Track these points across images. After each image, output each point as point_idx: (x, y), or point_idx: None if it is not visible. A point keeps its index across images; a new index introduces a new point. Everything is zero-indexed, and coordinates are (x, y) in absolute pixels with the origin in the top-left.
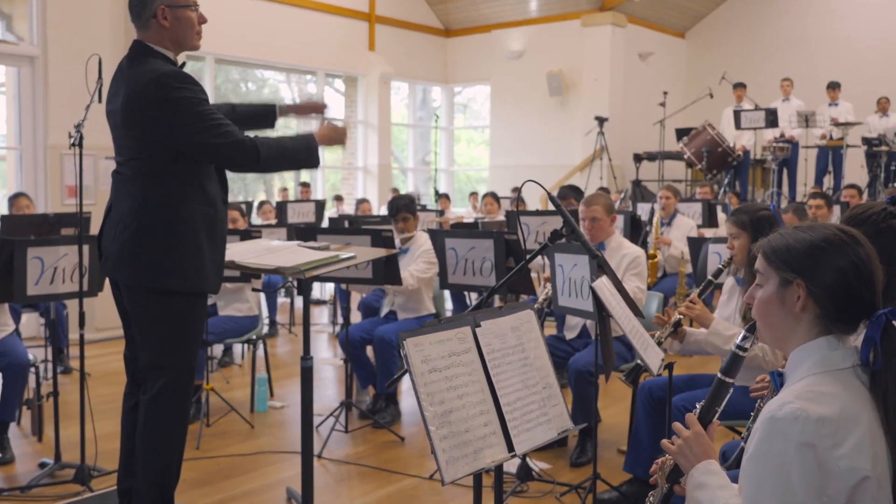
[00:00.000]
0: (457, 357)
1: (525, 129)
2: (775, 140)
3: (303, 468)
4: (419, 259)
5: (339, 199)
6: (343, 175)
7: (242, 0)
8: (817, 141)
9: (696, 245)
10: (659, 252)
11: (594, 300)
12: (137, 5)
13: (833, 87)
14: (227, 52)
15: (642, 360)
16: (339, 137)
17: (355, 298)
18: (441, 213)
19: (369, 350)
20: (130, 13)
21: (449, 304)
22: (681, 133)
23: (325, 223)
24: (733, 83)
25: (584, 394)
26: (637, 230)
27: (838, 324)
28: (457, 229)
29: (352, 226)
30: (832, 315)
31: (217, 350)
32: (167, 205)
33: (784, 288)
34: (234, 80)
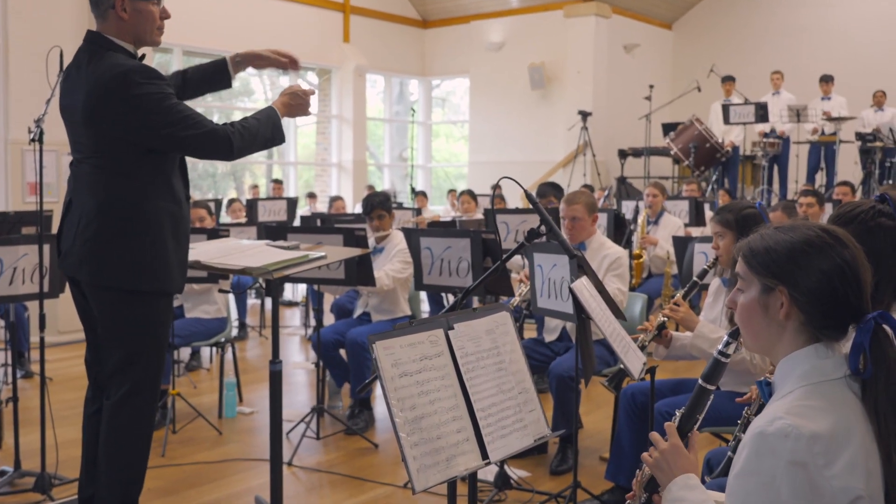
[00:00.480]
0: (429, 361)
1: (505, 123)
2: (765, 135)
3: (271, 476)
4: (394, 259)
5: (312, 196)
6: (316, 171)
7: None
8: (809, 136)
9: (682, 245)
10: (644, 252)
11: (573, 302)
12: None
13: (826, 81)
14: (196, 43)
15: (623, 365)
16: (301, 104)
17: (328, 300)
18: (418, 211)
19: (343, 352)
20: (90, 2)
21: (426, 306)
22: (667, 128)
23: (297, 221)
24: (722, 76)
25: (565, 399)
26: (621, 229)
27: (825, 330)
28: (432, 228)
29: (324, 224)
30: (818, 322)
31: (184, 353)
32: (131, 202)
33: (766, 294)
34: None
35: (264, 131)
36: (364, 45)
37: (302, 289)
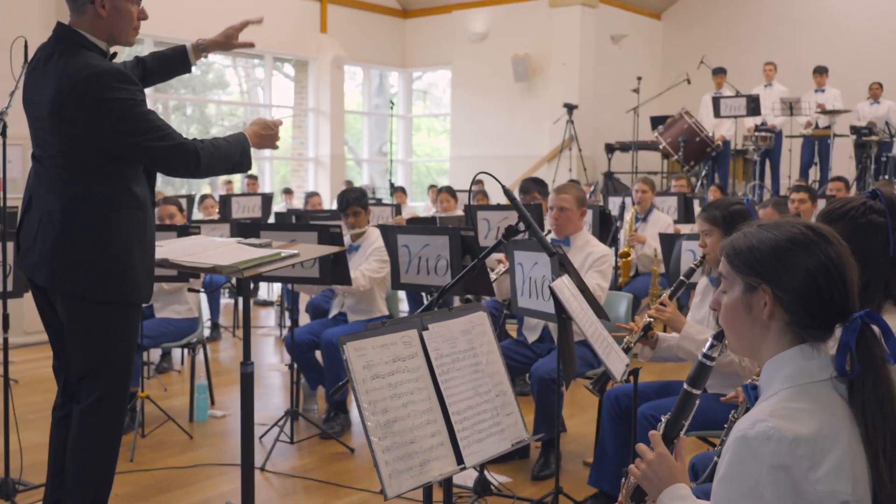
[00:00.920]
0: (402, 363)
1: (488, 117)
2: (756, 129)
3: (242, 482)
4: (371, 257)
5: (288, 192)
6: (293, 167)
7: None
8: (802, 130)
9: (669, 242)
10: (632, 250)
11: (554, 302)
12: None
13: (820, 73)
14: (167, 33)
15: (605, 366)
16: (270, 136)
17: (304, 299)
18: (398, 207)
19: (318, 354)
20: None
21: (405, 306)
22: (656, 121)
23: (272, 218)
24: (712, 68)
25: (546, 402)
26: (606, 227)
27: (811, 330)
28: (410, 225)
29: (299, 221)
30: (803, 321)
31: (154, 355)
32: (96, 207)
33: (749, 294)
34: None
35: (233, 154)
36: (342, 36)
37: (277, 288)
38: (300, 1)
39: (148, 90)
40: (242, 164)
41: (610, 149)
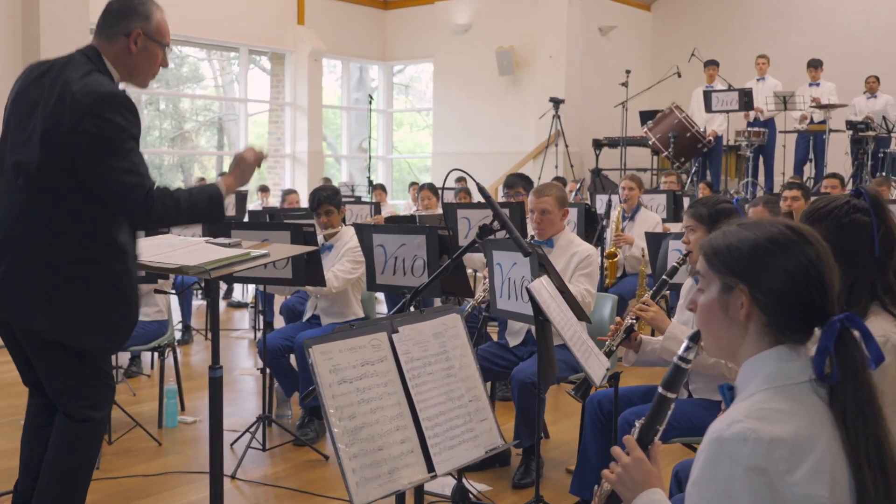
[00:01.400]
0: (370, 366)
1: (472, 111)
2: (748, 125)
3: (211, 490)
4: (344, 258)
5: (264, 190)
6: (269, 164)
7: None
8: (797, 125)
9: (656, 241)
10: (619, 251)
11: (532, 303)
12: (115, 15)
13: (814, 66)
14: None
15: (584, 371)
16: (246, 176)
17: (279, 301)
18: (377, 205)
19: (293, 358)
20: (103, 17)
21: (384, 308)
22: (645, 116)
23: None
24: (704, 61)
25: (528, 407)
26: (592, 225)
27: (789, 332)
28: (386, 224)
29: (273, 220)
30: (781, 323)
31: (123, 359)
32: (72, 250)
33: (726, 294)
34: None
35: (198, 208)
36: (320, 28)
37: (252, 289)
38: None
39: (121, 84)
40: (209, 215)
41: (598, 145)
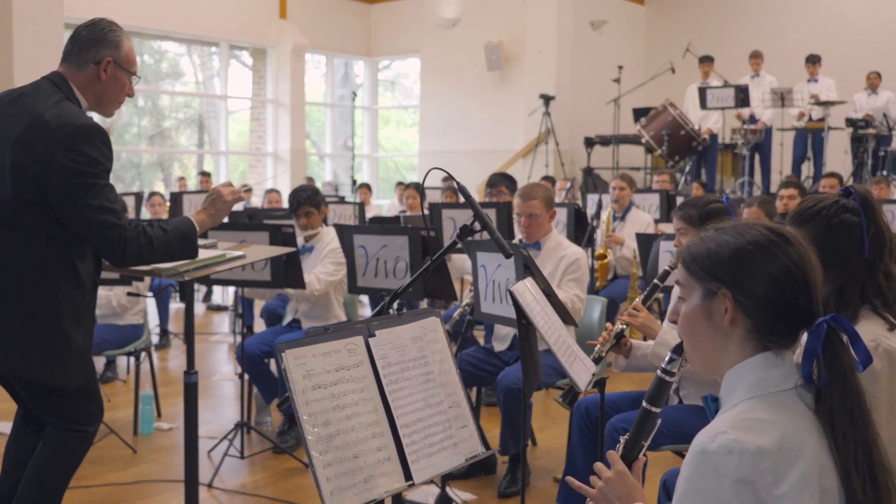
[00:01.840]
0: (346, 371)
1: (459, 108)
2: (743, 123)
3: (186, 500)
4: (326, 259)
5: (247, 190)
6: (250, 162)
7: None
8: (795, 122)
9: (647, 242)
10: (610, 252)
11: (514, 306)
12: (86, 42)
13: (813, 62)
14: (118, 20)
15: (569, 376)
16: (221, 214)
17: (259, 304)
18: (361, 206)
19: (273, 364)
20: (72, 43)
21: (368, 312)
22: (638, 113)
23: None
24: (699, 56)
25: (514, 414)
26: (582, 226)
27: (774, 337)
28: (367, 225)
29: (252, 220)
30: (766, 328)
31: (98, 363)
32: (29, 276)
33: (709, 300)
34: None
35: (171, 245)
36: (303, 22)
37: (233, 292)
38: None
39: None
40: (184, 253)
41: (589, 143)
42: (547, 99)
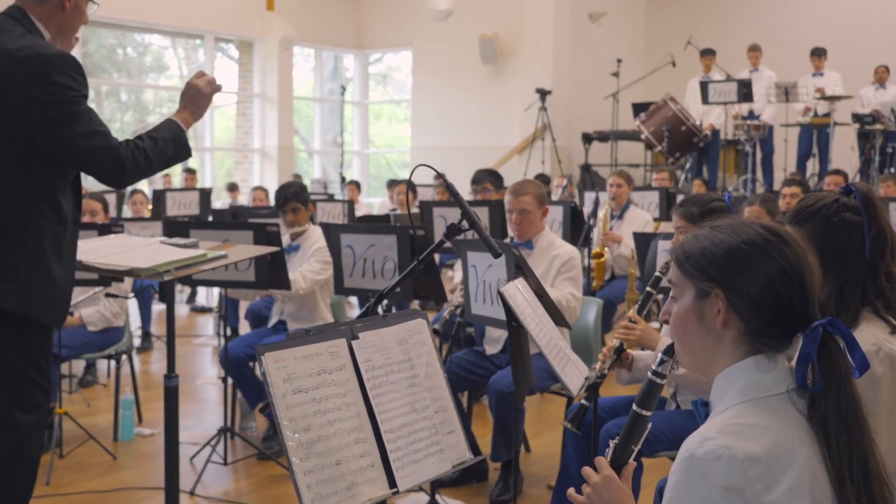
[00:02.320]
0: (328, 375)
1: (453, 103)
2: (743, 118)
3: None
4: (312, 258)
5: (233, 188)
6: (236, 158)
7: None
8: (799, 118)
9: (644, 241)
10: (607, 251)
11: (504, 308)
12: None
13: (818, 55)
14: (99, 12)
15: (560, 381)
16: (202, 107)
17: (244, 305)
18: (350, 203)
19: (258, 367)
20: None
21: (357, 313)
22: (638, 108)
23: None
24: (700, 49)
25: (506, 419)
26: (578, 225)
27: (767, 340)
28: (355, 224)
29: (237, 218)
30: (760, 330)
31: (78, 367)
32: (11, 207)
33: (701, 300)
34: (109, 45)
35: (166, 154)
36: (291, 14)
37: (217, 293)
38: None
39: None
40: (178, 156)
41: (587, 139)
42: (543, 93)
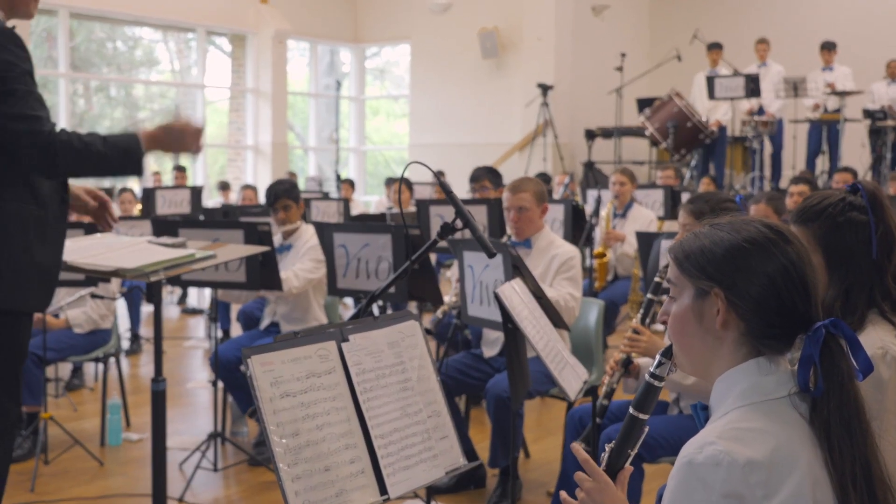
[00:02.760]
0: (317, 379)
1: (452, 99)
2: (751, 113)
3: None
4: (305, 256)
5: (224, 187)
6: (229, 156)
7: None
8: (809, 114)
9: (647, 241)
10: (609, 251)
11: (500, 309)
12: None
13: (828, 49)
14: (86, 4)
15: (558, 384)
16: (177, 140)
17: (237, 307)
18: (345, 202)
19: None
20: None
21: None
22: (643, 104)
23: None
24: (707, 43)
25: (505, 424)
26: (580, 224)
27: (768, 341)
28: (349, 223)
29: (227, 217)
30: (760, 331)
31: (65, 370)
32: None
33: (701, 300)
34: (98, 39)
35: (109, 158)
36: (285, 7)
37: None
38: None
39: (65, 68)
40: (125, 170)
41: (590, 135)
42: (545, 89)
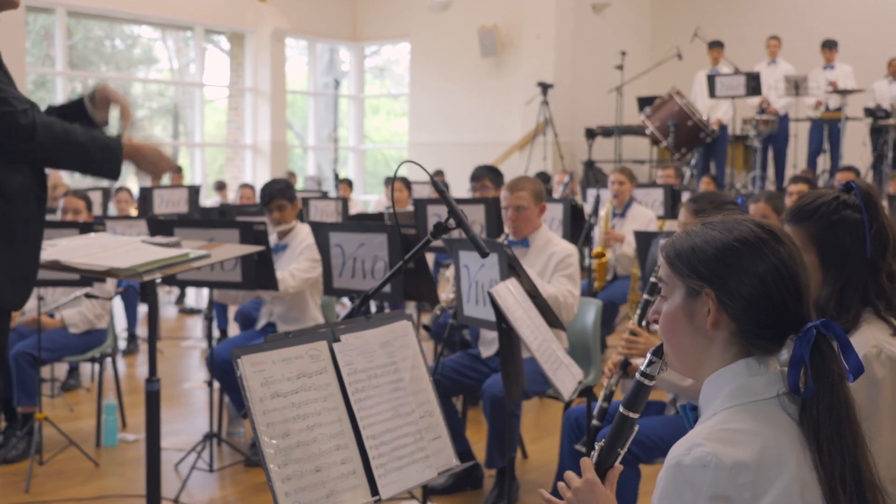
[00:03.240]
0: (308, 379)
1: (452, 97)
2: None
3: None
4: (301, 256)
5: (221, 187)
6: (227, 155)
7: None
8: (810, 112)
9: (645, 241)
10: (609, 251)
11: (494, 309)
12: None
13: (829, 47)
14: (84, 2)
15: (552, 385)
16: (152, 163)
17: (233, 306)
18: (344, 201)
19: None
20: None
21: None
22: (643, 103)
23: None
24: (708, 42)
25: (500, 424)
26: (579, 223)
27: (759, 342)
28: (345, 222)
29: (224, 217)
30: (751, 332)
31: (61, 370)
32: None
33: (691, 300)
34: (96, 37)
35: (93, 150)
36: (284, 5)
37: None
38: None
39: (62, 67)
40: (102, 166)
41: (590, 134)
42: (545, 87)
